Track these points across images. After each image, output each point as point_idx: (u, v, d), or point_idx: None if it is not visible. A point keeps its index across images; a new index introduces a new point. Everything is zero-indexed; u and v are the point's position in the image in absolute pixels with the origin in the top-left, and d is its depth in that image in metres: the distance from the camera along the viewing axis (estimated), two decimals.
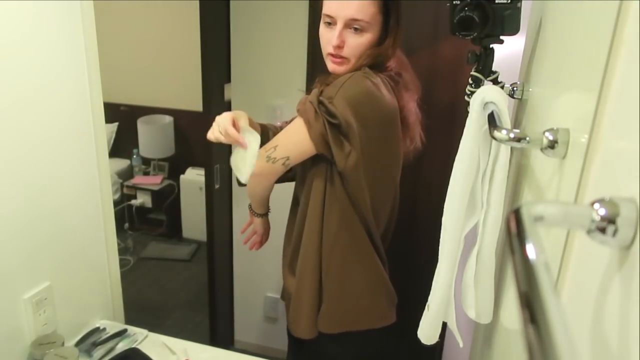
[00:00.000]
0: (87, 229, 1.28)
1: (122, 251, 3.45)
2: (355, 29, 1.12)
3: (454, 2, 0.93)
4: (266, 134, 1.32)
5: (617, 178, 0.41)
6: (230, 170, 2.56)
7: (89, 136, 1.25)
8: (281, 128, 1.33)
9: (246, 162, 1.14)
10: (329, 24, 1.15)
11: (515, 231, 0.37)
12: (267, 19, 2.10)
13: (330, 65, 1.18)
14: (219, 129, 1.13)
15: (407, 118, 1.23)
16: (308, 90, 1.31)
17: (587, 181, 0.49)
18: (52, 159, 1.14)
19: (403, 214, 2.07)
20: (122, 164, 3.84)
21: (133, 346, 1.27)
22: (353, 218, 1.22)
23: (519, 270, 0.34)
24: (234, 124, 1.13)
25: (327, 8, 1.14)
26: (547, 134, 0.59)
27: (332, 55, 1.16)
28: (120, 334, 1.30)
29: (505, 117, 0.77)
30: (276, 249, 1.46)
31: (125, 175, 3.84)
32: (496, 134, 0.69)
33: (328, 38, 1.15)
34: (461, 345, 1.06)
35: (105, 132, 1.30)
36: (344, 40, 1.13)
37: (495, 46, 0.98)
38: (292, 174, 1.33)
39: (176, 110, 3.76)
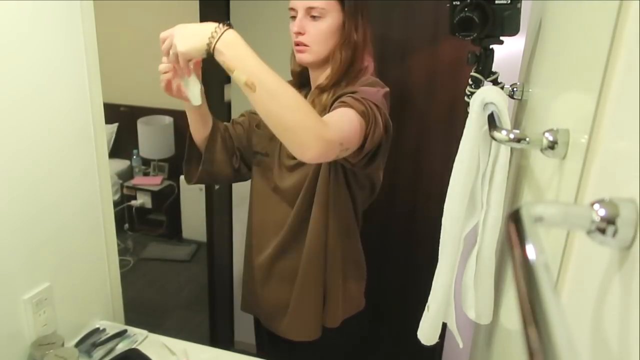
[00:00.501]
0: (87, 229, 1.28)
1: (122, 252, 3.45)
2: (314, 17, 1.17)
3: (454, 3, 0.93)
4: (217, 127, 1.31)
5: (617, 179, 0.41)
6: None
7: (89, 137, 1.25)
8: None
9: (191, 86, 1.14)
10: (293, 17, 1.20)
11: (515, 232, 0.37)
12: (267, 19, 2.10)
13: (296, 55, 1.23)
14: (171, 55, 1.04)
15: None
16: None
17: (587, 182, 0.49)
18: (52, 160, 1.14)
19: (403, 214, 2.08)
20: (122, 164, 3.84)
21: (133, 347, 1.26)
22: (351, 218, 1.27)
23: (518, 271, 0.34)
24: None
25: (290, 3, 1.20)
26: (547, 134, 0.59)
27: (296, 44, 1.20)
28: (120, 334, 1.30)
29: (505, 118, 0.77)
30: None
31: (125, 175, 3.84)
32: (496, 134, 0.69)
33: (292, 29, 1.20)
34: (461, 345, 1.06)
35: (105, 132, 1.30)
36: (304, 27, 1.18)
37: (495, 47, 0.98)
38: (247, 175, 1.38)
39: (176, 111, 3.76)
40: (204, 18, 2.11)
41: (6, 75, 1.00)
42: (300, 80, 1.32)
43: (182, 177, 3.68)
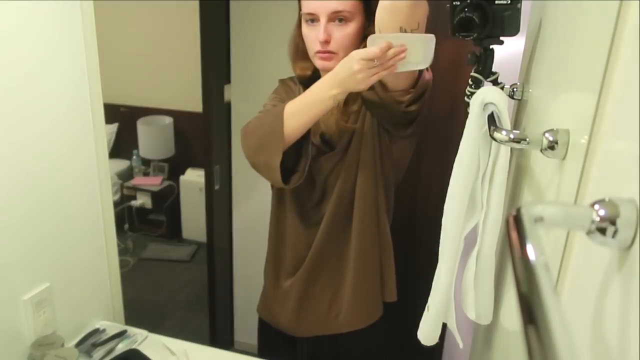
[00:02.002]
0: (87, 229, 1.28)
1: (122, 252, 3.44)
2: (340, 20, 1.12)
3: (454, 3, 0.93)
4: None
5: (617, 179, 0.41)
6: (229, 170, 2.56)
7: (89, 137, 1.25)
8: None
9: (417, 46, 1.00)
10: (312, 21, 1.14)
11: (515, 232, 0.37)
12: (267, 19, 2.10)
13: (319, 63, 1.17)
14: (369, 68, 0.99)
15: None
16: None
17: (587, 182, 0.49)
18: (52, 160, 1.14)
19: (403, 214, 2.08)
20: (122, 164, 3.84)
21: (133, 347, 1.27)
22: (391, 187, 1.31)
23: (519, 271, 0.34)
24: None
25: (307, 7, 1.13)
26: (547, 134, 0.59)
27: (319, 52, 1.14)
28: (120, 334, 1.30)
29: (505, 118, 0.77)
30: None
31: (125, 176, 3.83)
32: (496, 134, 0.69)
33: (314, 36, 1.14)
34: (461, 346, 1.06)
35: (105, 133, 1.30)
36: (330, 34, 1.12)
37: (495, 47, 0.98)
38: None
39: (176, 111, 3.76)
40: (204, 18, 2.11)
41: (5, 77, 1.00)
42: (309, 83, 1.31)
43: (182, 177, 3.69)
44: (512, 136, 0.66)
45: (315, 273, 1.29)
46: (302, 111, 1.11)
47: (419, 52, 1.00)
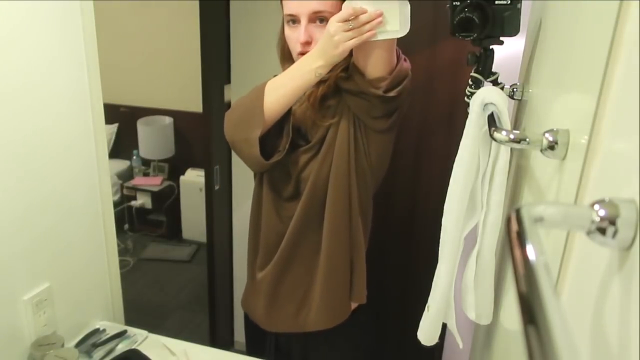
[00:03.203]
0: (87, 230, 1.28)
1: (122, 252, 3.45)
2: (321, 21, 1.11)
3: (454, 3, 0.93)
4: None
5: (617, 179, 0.41)
6: (230, 170, 2.56)
7: (89, 137, 1.25)
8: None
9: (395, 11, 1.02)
10: (293, 22, 1.13)
11: (515, 232, 0.37)
12: (267, 19, 2.10)
13: None
14: (346, 32, 1.00)
15: None
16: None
17: (587, 182, 0.49)
18: (52, 160, 1.14)
19: (403, 214, 2.08)
20: (122, 165, 3.84)
21: (133, 347, 1.27)
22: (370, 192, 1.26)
23: (519, 271, 0.34)
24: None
25: (288, 8, 1.12)
26: (547, 135, 0.59)
27: (301, 53, 1.13)
28: (120, 335, 1.30)
29: (505, 118, 0.77)
30: None
31: (125, 176, 3.84)
32: (496, 135, 0.69)
33: (295, 37, 1.13)
34: (461, 346, 1.06)
35: (105, 133, 1.30)
36: (311, 35, 1.11)
37: (495, 47, 0.98)
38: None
39: (176, 112, 3.76)
40: (204, 18, 2.11)
41: (5, 76, 1.00)
42: None
43: (182, 178, 3.69)
44: (512, 136, 0.66)
45: (286, 268, 1.28)
46: (283, 84, 1.11)
47: (395, 18, 1.01)
